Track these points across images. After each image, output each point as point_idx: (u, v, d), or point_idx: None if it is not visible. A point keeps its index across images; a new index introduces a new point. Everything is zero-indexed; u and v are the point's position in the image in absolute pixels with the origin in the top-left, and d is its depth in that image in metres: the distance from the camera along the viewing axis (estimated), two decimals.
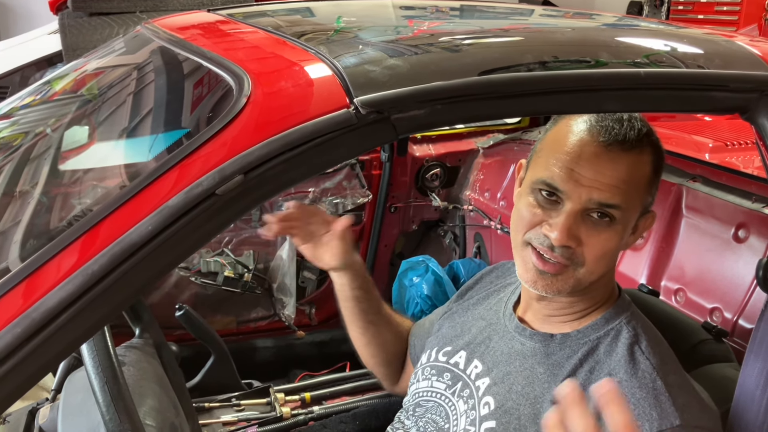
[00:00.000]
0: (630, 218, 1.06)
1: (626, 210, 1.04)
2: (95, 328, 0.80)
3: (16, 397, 0.78)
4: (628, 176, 1.04)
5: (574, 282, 1.07)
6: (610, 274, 1.14)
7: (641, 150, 1.05)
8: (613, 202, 1.03)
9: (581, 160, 1.03)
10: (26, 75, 3.09)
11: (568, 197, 1.04)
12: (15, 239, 1.03)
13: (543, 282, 1.08)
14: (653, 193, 1.10)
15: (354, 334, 1.45)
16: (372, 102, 0.84)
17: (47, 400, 1.43)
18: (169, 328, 1.96)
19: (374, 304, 1.42)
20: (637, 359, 1.06)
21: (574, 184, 1.03)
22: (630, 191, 1.04)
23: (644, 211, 1.10)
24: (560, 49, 1.06)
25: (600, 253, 1.05)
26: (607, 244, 1.05)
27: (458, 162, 2.51)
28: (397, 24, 1.39)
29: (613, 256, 1.09)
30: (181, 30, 1.35)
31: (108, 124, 1.37)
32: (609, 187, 1.03)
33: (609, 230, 1.05)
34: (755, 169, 1.71)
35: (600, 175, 1.03)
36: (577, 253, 1.05)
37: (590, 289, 1.11)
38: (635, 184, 1.05)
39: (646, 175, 1.06)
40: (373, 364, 1.48)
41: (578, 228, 1.04)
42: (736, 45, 1.16)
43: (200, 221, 0.80)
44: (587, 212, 1.04)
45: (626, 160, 1.04)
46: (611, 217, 1.04)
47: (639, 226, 1.11)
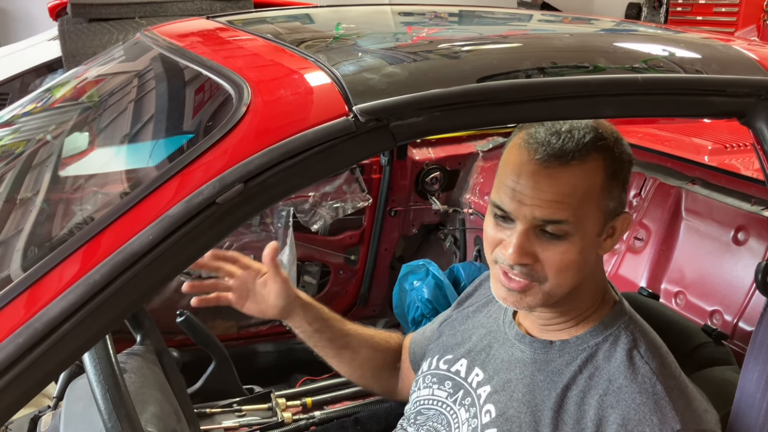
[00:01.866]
0: (587, 228, 1.05)
1: (577, 222, 1.03)
2: (97, 338, 0.81)
3: (19, 407, 0.78)
4: (572, 189, 1.02)
5: (543, 296, 1.07)
6: (595, 280, 1.14)
7: (583, 160, 1.03)
8: (557, 218, 1.02)
9: (521, 179, 1.03)
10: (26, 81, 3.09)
11: (515, 217, 1.04)
12: (17, 248, 1.04)
13: (512, 299, 1.09)
14: (617, 196, 1.07)
15: (334, 363, 1.44)
16: (371, 110, 0.84)
17: (49, 408, 1.43)
18: (169, 334, 1.96)
19: (337, 329, 1.41)
20: (637, 364, 1.06)
21: (518, 204, 1.03)
22: (576, 203, 1.03)
23: (613, 214, 1.08)
24: (558, 55, 1.06)
25: (559, 266, 1.04)
26: (564, 257, 1.04)
27: (458, 165, 2.51)
28: (395, 31, 1.39)
29: (578, 266, 1.06)
30: (181, 38, 1.36)
31: (108, 133, 1.38)
32: (550, 203, 1.02)
33: (564, 243, 1.04)
34: (754, 171, 1.72)
35: (540, 192, 1.02)
36: (536, 270, 1.05)
37: (574, 296, 1.11)
38: (582, 195, 1.03)
39: (596, 183, 1.04)
40: (365, 383, 1.49)
41: (532, 245, 1.04)
42: (734, 50, 1.17)
43: (201, 230, 0.81)
44: (538, 229, 1.04)
45: (566, 174, 1.02)
46: (563, 231, 1.03)
47: (616, 229, 1.10)
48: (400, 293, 2.35)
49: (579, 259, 1.05)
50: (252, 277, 1.34)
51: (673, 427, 1.00)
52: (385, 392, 1.50)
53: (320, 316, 1.40)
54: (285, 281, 1.33)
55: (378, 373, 1.46)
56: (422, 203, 2.53)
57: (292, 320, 1.38)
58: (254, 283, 1.34)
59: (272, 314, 1.35)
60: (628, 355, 1.07)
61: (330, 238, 2.45)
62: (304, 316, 1.37)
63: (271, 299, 1.33)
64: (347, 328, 1.43)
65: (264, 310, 1.35)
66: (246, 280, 1.34)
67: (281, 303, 1.34)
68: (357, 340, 1.44)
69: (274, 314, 1.35)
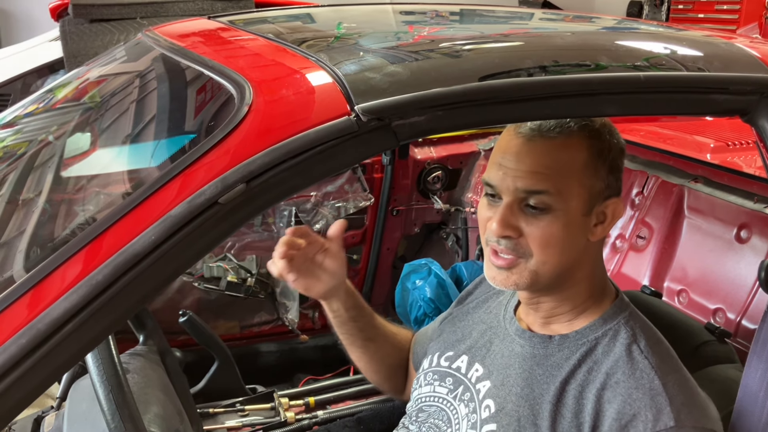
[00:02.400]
0: (571, 204, 1.06)
1: (560, 194, 1.05)
2: (100, 338, 0.81)
3: (22, 407, 0.79)
4: (553, 162, 1.05)
5: (529, 274, 1.08)
6: (591, 270, 1.14)
7: (567, 136, 1.06)
8: (538, 188, 1.05)
9: (506, 154, 1.07)
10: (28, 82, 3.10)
11: (500, 191, 1.08)
12: (20, 249, 1.04)
13: (500, 277, 1.10)
14: (603, 177, 1.08)
15: (355, 355, 1.43)
16: (373, 109, 0.84)
17: (52, 408, 1.43)
18: (172, 334, 1.96)
19: (369, 320, 1.40)
20: (636, 358, 1.06)
21: (502, 177, 1.07)
22: (558, 176, 1.05)
23: (603, 196, 1.09)
24: (560, 54, 1.06)
25: (543, 240, 1.06)
26: (547, 230, 1.06)
27: (460, 164, 2.51)
28: (397, 30, 1.39)
29: (563, 244, 1.07)
30: (182, 38, 1.36)
31: (110, 133, 1.38)
32: (530, 174, 1.05)
33: (547, 217, 1.06)
34: (757, 169, 1.71)
35: (521, 164, 1.05)
36: (521, 244, 1.07)
37: (568, 284, 1.12)
38: (565, 168, 1.06)
39: (579, 159, 1.06)
40: (377, 379, 1.47)
41: (516, 219, 1.06)
42: (736, 47, 1.16)
43: (203, 230, 0.81)
44: (522, 203, 1.06)
45: (547, 146, 1.06)
46: (545, 204, 1.05)
47: (607, 215, 1.10)
48: (402, 292, 2.35)
49: (563, 234, 1.06)
50: (313, 251, 1.31)
51: (666, 424, 0.99)
52: (395, 390, 1.49)
53: (358, 304, 1.38)
54: (343, 262, 1.31)
55: (393, 370, 1.46)
56: (424, 202, 2.53)
57: (331, 303, 1.36)
58: (313, 258, 1.31)
59: (317, 292, 1.33)
60: (627, 349, 1.07)
61: None
62: (345, 302, 1.35)
63: (324, 277, 1.31)
64: (377, 322, 1.43)
65: (310, 287, 1.32)
66: (307, 253, 1.31)
67: (332, 283, 1.31)
68: (383, 335, 1.43)
69: (318, 292, 1.33)
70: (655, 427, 0.99)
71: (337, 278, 1.32)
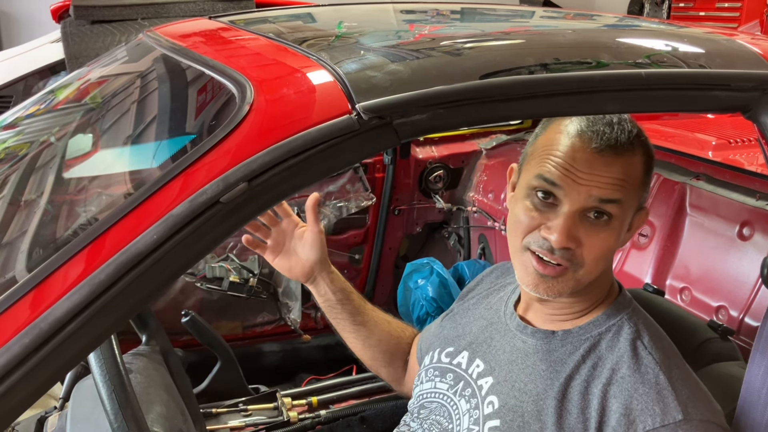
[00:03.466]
0: (627, 216, 1.08)
1: (624, 206, 1.06)
2: (102, 338, 0.81)
3: (25, 407, 0.79)
4: (624, 175, 1.05)
5: (573, 284, 1.08)
6: (607, 272, 1.15)
7: (633, 152, 1.06)
8: (614, 197, 1.04)
9: (576, 163, 1.05)
10: (29, 84, 3.09)
11: (566, 196, 1.05)
12: (22, 249, 1.04)
13: (544, 285, 1.08)
14: (647, 191, 1.12)
15: (348, 340, 1.44)
16: (374, 108, 0.84)
17: (55, 409, 1.43)
18: (175, 334, 1.96)
19: (358, 304, 1.42)
20: (640, 354, 1.06)
21: (572, 182, 1.04)
22: (627, 188, 1.06)
23: (640, 207, 1.12)
24: (561, 51, 1.06)
25: (599, 253, 1.06)
26: (605, 243, 1.06)
27: (461, 164, 2.51)
28: (398, 28, 1.39)
29: (610, 255, 1.10)
30: (183, 38, 1.36)
31: (111, 134, 1.38)
32: (607, 184, 1.04)
33: (607, 229, 1.06)
34: (759, 166, 1.71)
35: (596, 176, 1.04)
36: (576, 255, 1.06)
37: (589, 288, 1.12)
38: (630, 183, 1.06)
39: (639, 175, 1.08)
40: (375, 366, 1.48)
41: (577, 229, 1.05)
42: (737, 44, 1.16)
43: (205, 229, 0.81)
44: (584, 213, 1.05)
45: (620, 162, 1.05)
46: (609, 215, 1.05)
47: (633, 224, 1.12)
48: (404, 292, 2.35)
49: (615, 246, 1.08)
50: (291, 228, 1.34)
51: (674, 416, 0.99)
52: (393, 380, 1.49)
53: (345, 287, 1.40)
54: (320, 233, 1.32)
55: (389, 358, 1.46)
56: (426, 202, 2.53)
57: (318, 285, 1.37)
58: (292, 235, 1.33)
59: (300, 271, 1.34)
60: (631, 345, 1.07)
61: (334, 238, 2.46)
62: (331, 283, 1.37)
63: (305, 252, 1.32)
64: (368, 307, 1.44)
65: (293, 266, 1.34)
66: (285, 231, 1.33)
67: (313, 256, 1.33)
68: (375, 320, 1.44)
69: (302, 270, 1.34)
70: (664, 420, 0.99)
71: (316, 252, 1.33)
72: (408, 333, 1.50)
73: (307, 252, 1.33)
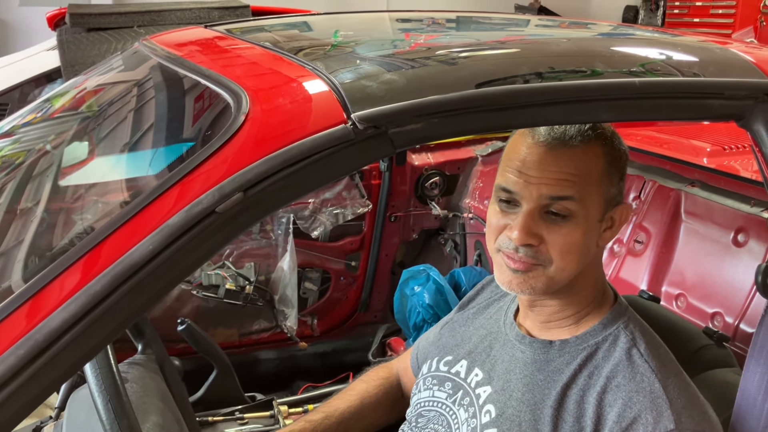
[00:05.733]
0: (590, 210, 1.08)
1: (582, 201, 1.07)
2: (98, 348, 0.81)
3: (21, 418, 0.78)
4: (576, 169, 1.07)
5: (546, 280, 1.09)
6: (595, 275, 1.15)
7: (586, 144, 1.08)
8: (564, 194, 1.06)
9: (527, 162, 1.08)
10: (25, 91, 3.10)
11: (522, 198, 1.08)
12: (18, 259, 1.04)
13: (516, 281, 1.10)
14: (616, 184, 1.11)
15: None
16: (369, 117, 0.85)
17: (51, 418, 1.43)
18: (171, 342, 1.96)
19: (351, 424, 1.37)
20: (636, 362, 1.06)
21: (525, 183, 1.07)
22: (581, 183, 1.07)
23: (613, 202, 1.11)
24: (556, 60, 1.07)
25: (564, 248, 1.07)
26: (568, 238, 1.07)
27: (457, 170, 2.51)
28: (393, 38, 1.40)
29: (582, 251, 1.09)
30: (179, 47, 1.36)
31: (107, 142, 1.38)
32: (556, 181, 1.06)
33: (567, 225, 1.07)
34: (753, 172, 1.72)
35: (546, 172, 1.06)
36: (541, 251, 1.07)
37: (575, 290, 1.12)
38: (586, 176, 1.07)
39: (598, 167, 1.08)
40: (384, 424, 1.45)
41: (538, 226, 1.07)
42: (731, 52, 1.17)
43: (201, 239, 0.81)
44: (544, 210, 1.07)
45: (569, 154, 1.07)
46: (568, 210, 1.06)
47: (615, 220, 1.12)
48: (401, 299, 2.35)
49: (582, 242, 1.08)
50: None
51: (666, 426, 1.00)
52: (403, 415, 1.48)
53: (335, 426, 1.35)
54: None
55: (389, 412, 1.44)
56: (422, 208, 2.53)
57: None
58: None
59: None
60: (627, 353, 1.08)
61: (330, 245, 2.46)
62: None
63: None
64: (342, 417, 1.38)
65: None
66: None
67: None
68: (355, 419, 1.39)
69: None
70: (656, 429, 0.99)
71: None
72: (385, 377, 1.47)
73: None
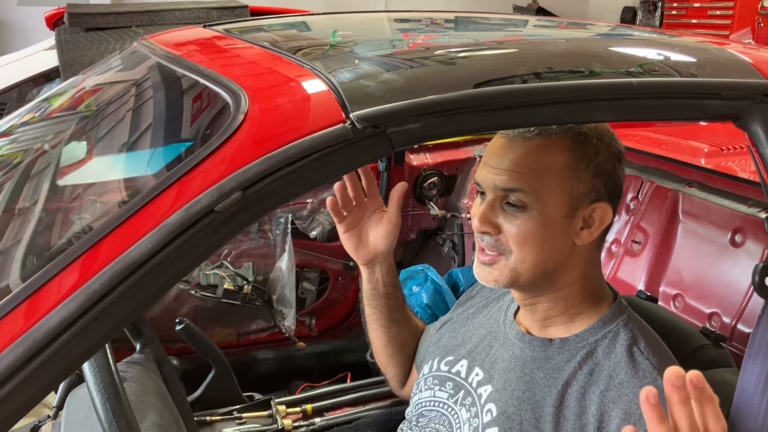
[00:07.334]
0: (547, 204, 1.08)
1: (535, 194, 1.08)
2: (97, 347, 0.81)
3: (19, 417, 0.78)
4: (530, 161, 1.08)
5: (509, 272, 1.11)
6: (583, 273, 1.14)
7: (546, 137, 1.09)
8: (512, 186, 1.08)
9: (490, 153, 1.12)
10: (24, 91, 3.09)
11: (484, 188, 1.12)
12: (16, 258, 1.04)
13: (482, 273, 1.14)
14: (587, 180, 1.09)
15: (375, 333, 1.44)
16: (368, 116, 0.85)
17: (49, 418, 1.43)
18: (169, 342, 1.96)
19: (400, 302, 1.42)
20: (637, 359, 1.07)
21: (485, 175, 1.12)
22: (534, 176, 1.08)
23: (588, 199, 1.10)
24: (554, 60, 1.07)
25: (519, 238, 1.09)
26: (522, 228, 1.08)
27: (455, 170, 2.52)
28: (392, 38, 1.40)
29: (541, 244, 1.09)
30: (178, 46, 1.36)
31: (106, 142, 1.38)
32: (507, 172, 1.09)
33: (522, 216, 1.09)
34: (751, 173, 1.72)
35: (501, 162, 1.09)
36: (501, 241, 1.11)
37: (558, 287, 1.13)
38: (541, 168, 1.08)
39: (557, 161, 1.08)
40: (388, 364, 1.48)
41: (495, 216, 1.10)
42: (728, 53, 1.17)
43: (200, 238, 0.81)
44: (503, 201, 1.10)
45: (525, 146, 1.09)
46: (521, 203, 1.08)
47: (594, 219, 1.11)
48: None
49: (540, 234, 1.09)
50: (371, 209, 1.34)
51: None
52: (398, 381, 1.49)
53: (395, 283, 1.40)
54: (396, 227, 1.32)
55: (406, 360, 1.47)
56: (420, 209, 2.53)
57: (372, 272, 1.37)
58: (370, 216, 1.34)
59: (364, 255, 1.34)
60: (628, 351, 1.08)
61: (328, 245, 2.46)
62: (386, 274, 1.37)
63: (376, 239, 1.33)
64: (406, 308, 1.45)
65: (359, 248, 1.34)
66: (365, 209, 1.34)
67: (382, 246, 1.33)
68: (407, 322, 1.45)
69: (365, 256, 1.34)
70: None
71: (387, 243, 1.33)
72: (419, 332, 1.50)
73: (379, 240, 1.33)
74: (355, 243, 1.34)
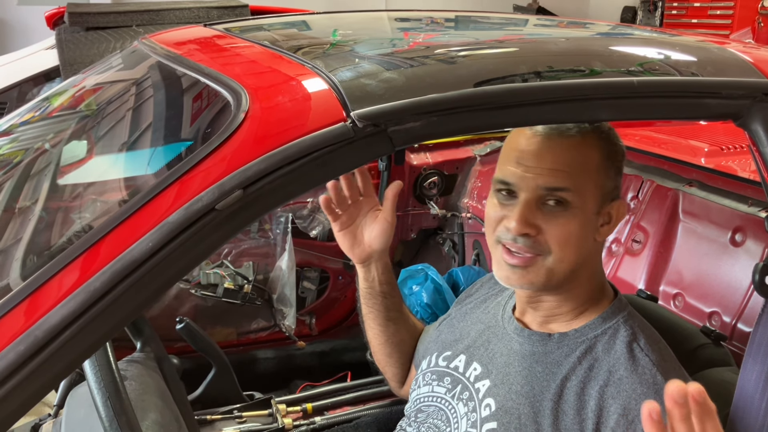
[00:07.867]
0: (586, 201, 1.09)
1: (577, 192, 1.08)
2: (97, 345, 0.81)
3: (19, 415, 0.78)
4: (571, 160, 1.08)
5: (546, 272, 1.10)
6: (593, 270, 1.16)
7: (583, 135, 1.09)
8: (559, 185, 1.07)
9: (525, 153, 1.10)
10: (24, 90, 3.09)
11: (519, 189, 1.09)
12: (16, 257, 1.04)
13: (515, 276, 1.11)
14: (614, 179, 1.13)
15: (373, 332, 1.44)
16: (368, 115, 0.85)
17: (50, 416, 1.43)
18: (169, 341, 1.96)
19: (397, 301, 1.43)
20: (637, 356, 1.07)
21: (522, 175, 1.09)
22: (576, 174, 1.08)
23: (610, 197, 1.13)
24: (554, 59, 1.07)
25: (562, 237, 1.08)
26: (566, 228, 1.08)
27: (456, 170, 2.52)
28: (392, 37, 1.40)
29: (579, 242, 1.10)
30: (178, 45, 1.36)
31: (106, 141, 1.38)
32: (552, 171, 1.08)
33: (566, 214, 1.08)
34: (751, 172, 1.72)
35: (542, 162, 1.08)
36: (539, 242, 1.09)
37: (573, 284, 1.13)
38: (581, 167, 1.09)
39: (594, 159, 1.10)
40: (386, 363, 1.48)
41: (535, 216, 1.08)
42: (728, 52, 1.17)
43: (200, 236, 0.81)
44: (541, 200, 1.08)
45: (565, 145, 1.09)
46: (564, 201, 1.08)
47: (612, 215, 1.13)
48: None
49: (580, 233, 1.09)
50: (366, 207, 1.34)
51: None
52: (397, 380, 1.50)
53: (392, 281, 1.40)
54: (391, 225, 1.32)
55: (404, 359, 1.47)
56: (420, 208, 2.53)
57: (368, 271, 1.37)
58: (365, 215, 1.34)
59: (359, 253, 1.35)
60: (628, 347, 1.08)
61: (329, 244, 2.46)
62: (381, 273, 1.37)
63: (371, 237, 1.33)
64: (403, 307, 1.45)
65: (354, 246, 1.34)
66: (360, 207, 1.34)
67: (376, 245, 1.33)
68: (405, 320, 1.45)
69: (360, 254, 1.35)
70: None
71: (382, 242, 1.33)
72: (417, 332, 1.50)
73: (374, 239, 1.33)
74: (350, 241, 1.35)
